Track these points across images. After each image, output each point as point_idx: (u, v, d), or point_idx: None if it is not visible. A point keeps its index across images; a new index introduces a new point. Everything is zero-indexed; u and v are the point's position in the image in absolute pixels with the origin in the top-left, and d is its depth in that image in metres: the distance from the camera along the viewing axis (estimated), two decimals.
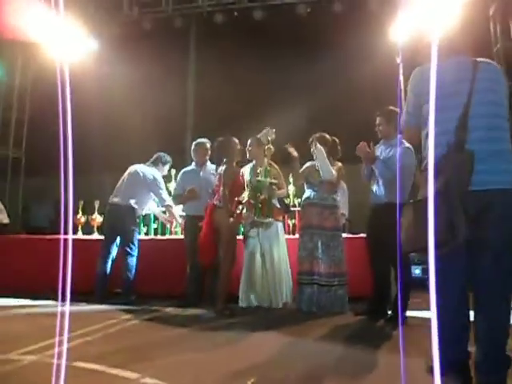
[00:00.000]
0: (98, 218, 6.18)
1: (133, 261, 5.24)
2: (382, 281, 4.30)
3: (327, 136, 4.86)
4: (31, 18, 7.87)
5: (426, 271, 6.25)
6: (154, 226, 6.12)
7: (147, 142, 8.58)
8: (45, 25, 7.62)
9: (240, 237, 5.13)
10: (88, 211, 6.27)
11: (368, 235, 4.50)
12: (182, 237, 5.58)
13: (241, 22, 9.47)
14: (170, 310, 4.89)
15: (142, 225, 6.03)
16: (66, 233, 4.49)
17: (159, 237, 6.04)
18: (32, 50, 8.99)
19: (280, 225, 5.11)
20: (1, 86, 9.81)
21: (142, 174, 5.36)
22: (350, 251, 4.84)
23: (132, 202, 5.28)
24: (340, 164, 4.89)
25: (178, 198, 5.43)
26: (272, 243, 4.90)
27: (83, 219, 6.18)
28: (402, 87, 7.88)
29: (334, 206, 4.80)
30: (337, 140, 4.92)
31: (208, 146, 5.40)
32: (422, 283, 5.96)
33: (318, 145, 4.67)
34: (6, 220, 6.86)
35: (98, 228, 6.21)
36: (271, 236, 4.92)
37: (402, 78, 7.60)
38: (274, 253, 4.88)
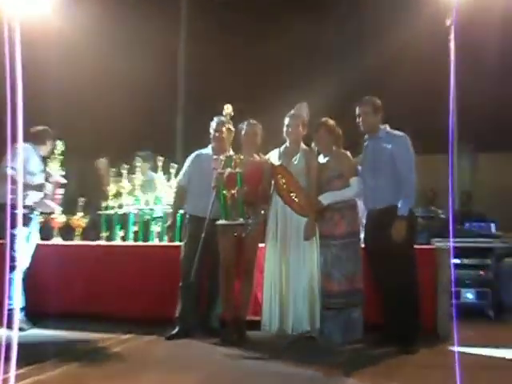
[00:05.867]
0: None
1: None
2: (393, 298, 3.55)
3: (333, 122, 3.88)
4: None
5: (481, 295, 4.70)
6: (133, 228, 4.84)
7: (130, 117, 7.29)
8: None
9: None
10: None
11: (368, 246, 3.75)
12: (170, 244, 4.41)
13: None
14: (152, 338, 3.80)
15: (118, 227, 4.78)
16: None
17: (140, 243, 4.78)
18: None
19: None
20: None
21: None
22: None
23: None
24: (348, 154, 3.87)
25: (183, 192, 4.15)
26: (293, 253, 3.72)
27: None
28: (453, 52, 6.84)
29: (347, 207, 3.74)
30: (340, 131, 3.91)
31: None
32: (477, 310, 4.63)
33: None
34: None
35: None
36: (296, 244, 3.73)
37: (453, 42, 6.59)
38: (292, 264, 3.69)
